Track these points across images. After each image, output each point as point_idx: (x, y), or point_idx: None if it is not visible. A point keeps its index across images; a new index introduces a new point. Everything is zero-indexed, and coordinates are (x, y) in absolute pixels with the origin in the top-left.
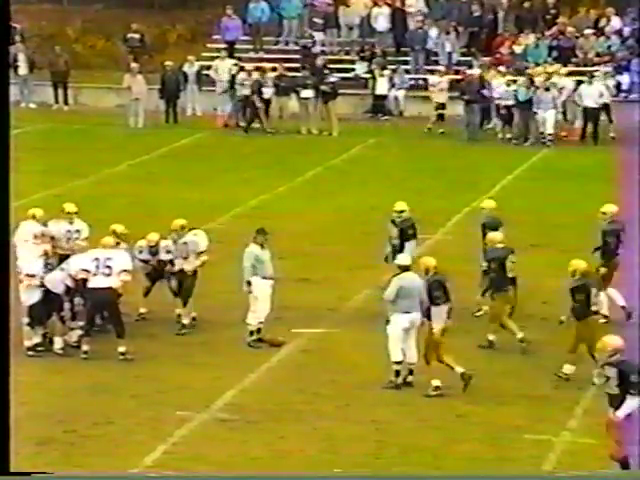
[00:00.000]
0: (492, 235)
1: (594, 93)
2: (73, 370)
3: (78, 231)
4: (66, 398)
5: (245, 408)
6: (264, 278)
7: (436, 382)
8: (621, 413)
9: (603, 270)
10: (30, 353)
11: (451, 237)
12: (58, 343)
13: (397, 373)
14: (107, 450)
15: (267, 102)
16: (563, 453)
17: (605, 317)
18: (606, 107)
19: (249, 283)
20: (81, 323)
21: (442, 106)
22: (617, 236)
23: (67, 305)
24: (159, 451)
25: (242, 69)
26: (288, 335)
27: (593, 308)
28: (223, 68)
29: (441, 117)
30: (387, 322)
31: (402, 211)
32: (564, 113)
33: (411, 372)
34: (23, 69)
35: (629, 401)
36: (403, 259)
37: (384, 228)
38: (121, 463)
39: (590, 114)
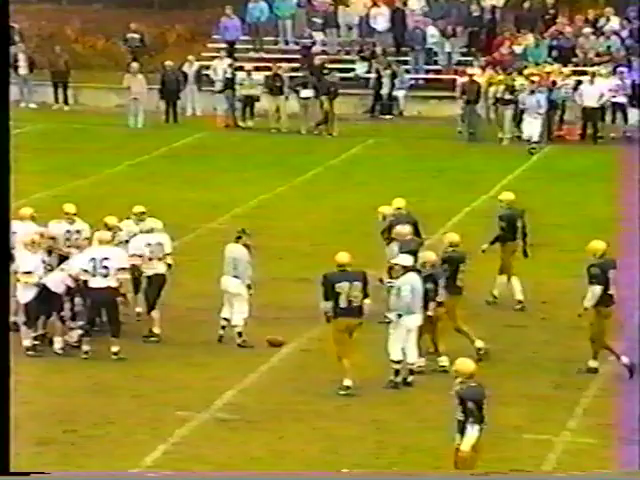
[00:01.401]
0: (399, 229)
1: (594, 93)
2: (73, 370)
3: (78, 231)
4: (66, 398)
5: (245, 408)
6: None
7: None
8: (465, 447)
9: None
10: (30, 353)
11: None
12: (58, 343)
13: (397, 372)
14: (107, 450)
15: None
16: (563, 453)
17: (520, 302)
18: (620, 106)
19: (249, 287)
20: (81, 323)
21: None
22: (510, 223)
23: (67, 305)
24: (159, 451)
25: (240, 68)
26: (288, 335)
27: (439, 299)
28: (220, 68)
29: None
30: (388, 322)
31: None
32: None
33: (411, 372)
34: (23, 69)
35: (469, 431)
36: (405, 260)
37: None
38: (121, 463)
39: (590, 114)
